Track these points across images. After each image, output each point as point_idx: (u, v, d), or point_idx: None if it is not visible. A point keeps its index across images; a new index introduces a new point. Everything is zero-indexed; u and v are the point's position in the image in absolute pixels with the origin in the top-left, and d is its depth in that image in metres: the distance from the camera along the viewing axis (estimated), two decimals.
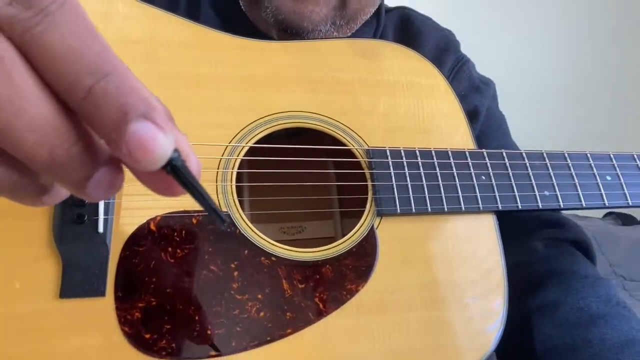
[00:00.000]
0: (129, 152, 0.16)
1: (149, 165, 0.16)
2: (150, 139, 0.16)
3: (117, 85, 0.16)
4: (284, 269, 0.44)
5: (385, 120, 0.53)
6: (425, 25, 0.67)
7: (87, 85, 0.16)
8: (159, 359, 0.39)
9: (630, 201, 0.54)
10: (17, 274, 0.39)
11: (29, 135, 0.16)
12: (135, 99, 0.16)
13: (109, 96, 0.16)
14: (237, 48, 0.52)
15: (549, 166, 0.54)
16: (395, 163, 0.50)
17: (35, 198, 0.18)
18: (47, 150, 0.16)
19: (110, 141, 0.16)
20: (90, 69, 0.16)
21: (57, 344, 0.38)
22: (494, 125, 0.65)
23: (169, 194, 0.18)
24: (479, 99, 0.64)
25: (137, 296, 0.41)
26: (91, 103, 0.16)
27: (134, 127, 0.16)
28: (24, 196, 0.18)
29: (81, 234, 0.41)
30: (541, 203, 0.52)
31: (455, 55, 0.66)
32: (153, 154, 0.16)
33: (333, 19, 0.55)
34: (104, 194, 0.18)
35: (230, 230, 0.44)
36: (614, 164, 0.56)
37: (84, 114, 0.16)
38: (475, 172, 0.51)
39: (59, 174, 0.17)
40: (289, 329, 0.42)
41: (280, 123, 0.50)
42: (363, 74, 0.55)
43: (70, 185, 0.18)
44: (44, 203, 0.19)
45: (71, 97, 0.16)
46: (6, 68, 0.15)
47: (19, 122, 0.15)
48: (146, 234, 0.43)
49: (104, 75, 0.16)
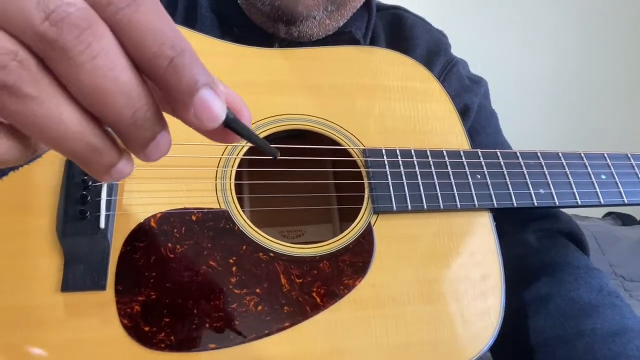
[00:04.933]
0: (196, 114, 0.20)
1: (210, 123, 0.20)
2: (212, 104, 0.20)
3: (190, 59, 0.19)
4: (281, 265, 0.45)
5: (381, 122, 0.54)
6: (417, 27, 0.68)
7: (169, 57, 0.19)
8: (158, 351, 0.40)
9: (625, 199, 0.55)
10: (19, 267, 0.40)
11: (120, 98, 0.19)
12: (202, 71, 0.20)
13: (185, 67, 0.19)
14: (236, 55, 0.54)
15: (544, 165, 0.54)
16: (391, 162, 0.51)
17: (105, 167, 0.21)
18: (132, 111, 0.19)
19: (179, 104, 0.20)
20: (171, 44, 0.19)
21: (57, 336, 0.39)
22: (485, 121, 0.66)
23: (227, 141, 0.23)
24: (469, 97, 0.65)
25: (137, 290, 0.41)
26: (171, 72, 0.19)
27: (201, 93, 0.20)
28: (97, 163, 0.20)
29: (83, 230, 0.42)
30: (536, 201, 0.52)
31: (445, 57, 0.67)
32: (214, 115, 0.20)
33: (325, 4, 0.56)
34: (159, 155, 0.22)
35: (228, 227, 0.45)
36: (608, 162, 0.56)
37: (163, 81, 0.20)
38: (471, 171, 0.52)
39: (134, 133, 0.20)
40: (287, 322, 0.43)
41: (279, 125, 0.52)
42: (359, 78, 0.56)
43: (138, 145, 0.21)
44: (111, 175, 0.21)
45: (154, 67, 0.19)
46: (107, 44, 0.18)
47: (114, 87, 0.18)
48: (147, 230, 0.44)
49: (182, 50, 0.19)
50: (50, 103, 0.18)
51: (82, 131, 0.19)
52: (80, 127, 0.19)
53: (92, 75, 0.18)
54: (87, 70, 0.18)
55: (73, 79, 0.18)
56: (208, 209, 0.46)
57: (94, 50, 0.18)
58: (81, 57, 0.18)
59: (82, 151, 0.20)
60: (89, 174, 0.22)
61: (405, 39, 0.66)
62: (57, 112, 0.19)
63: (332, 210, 0.63)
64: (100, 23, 0.18)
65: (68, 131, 0.19)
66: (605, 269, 1.20)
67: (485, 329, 0.46)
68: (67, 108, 0.19)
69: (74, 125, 0.19)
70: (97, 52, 0.18)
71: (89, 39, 0.18)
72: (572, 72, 1.86)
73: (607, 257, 1.21)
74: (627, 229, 1.41)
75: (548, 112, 1.87)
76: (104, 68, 0.18)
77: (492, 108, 0.69)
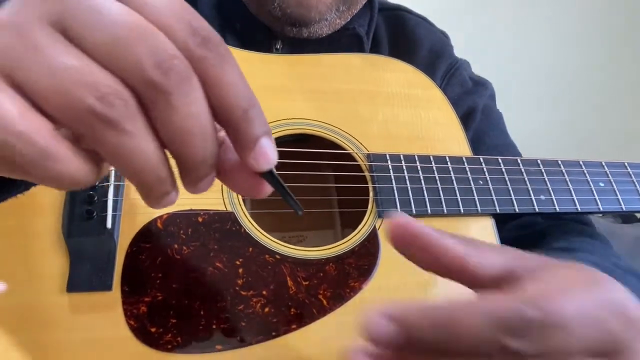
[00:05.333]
0: (255, 156, 0.23)
1: (265, 166, 0.23)
2: (269, 151, 0.23)
3: (258, 110, 0.23)
4: (288, 267, 0.45)
5: (385, 128, 0.55)
6: (419, 28, 0.68)
7: (243, 108, 0.22)
8: (164, 352, 0.39)
9: (624, 206, 0.56)
10: (26, 267, 0.40)
11: (199, 140, 0.22)
12: (264, 121, 0.23)
13: (254, 118, 0.23)
14: (240, 59, 0.54)
15: (544, 172, 0.55)
16: (395, 167, 0.51)
17: (162, 196, 0.23)
18: (203, 151, 0.22)
19: (244, 147, 0.23)
20: (246, 98, 0.22)
21: (63, 337, 0.38)
22: (493, 123, 0.66)
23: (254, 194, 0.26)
24: (472, 99, 0.65)
25: (143, 291, 0.41)
26: (243, 121, 0.22)
27: (263, 140, 0.23)
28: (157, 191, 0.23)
29: (89, 230, 0.42)
30: (537, 207, 0.53)
31: (448, 60, 0.68)
32: (269, 159, 0.23)
33: (337, 5, 0.57)
34: (205, 189, 0.24)
35: (235, 229, 0.45)
36: (606, 171, 0.57)
37: (235, 127, 0.23)
38: (473, 177, 0.53)
39: (197, 170, 0.23)
40: (294, 324, 0.42)
41: (284, 129, 0.52)
42: (362, 85, 0.57)
43: (195, 180, 0.23)
44: (163, 203, 0.24)
45: (230, 115, 0.22)
46: (199, 93, 0.21)
47: (197, 130, 0.21)
48: (153, 231, 0.44)
49: (253, 103, 0.23)
50: (140, 138, 0.21)
51: (157, 164, 0.22)
52: (156, 160, 0.22)
53: (183, 118, 0.21)
54: (180, 114, 0.21)
55: (166, 120, 0.21)
56: (214, 211, 0.46)
57: (189, 97, 0.21)
58: (177, 102, 0.20)
59: (151, 181, 0.22)
60: (143, 199, 0.24)
61: (408, 41, 0.67)
62: (144, 146, 0.21)
63: (334, 217, 0.63)
64: (194, 74, 0.21)
65: (147, 164, 0.21)
66: None
67: None
68: (151, 143, 0.21)
69: (153, 158, 0.21)
70: (192, 99, 0.21)
71: (187, 87, 0.21)
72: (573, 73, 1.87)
73: None
74: (627, 227, 1.42)
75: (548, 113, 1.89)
76: (194, 113, 0.21)
77: (498, 109, 0.70)
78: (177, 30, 0.21)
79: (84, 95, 0.19)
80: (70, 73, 0.19)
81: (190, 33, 0.21)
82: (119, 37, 0.20)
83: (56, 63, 0.19)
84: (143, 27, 0.20)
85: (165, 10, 0.21)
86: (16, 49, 0.20)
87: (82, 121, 0.20)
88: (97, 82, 0.20)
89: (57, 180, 0.21)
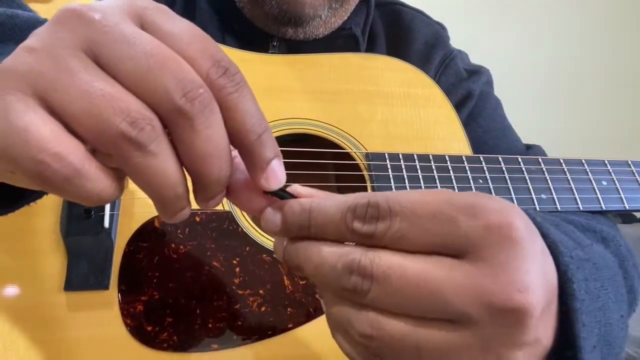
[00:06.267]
0: (267, 177, 0.25)
1: (275, 186, 0.25)
2: (279, 172, 0.25)
3: (270, 134, 0.25)
4: (285, 266, 0.45)
5: (384, 128, 0.55)
6: (415, 21, 0.68)
7: (257, 133, 0.24)
8: (160, 351, 0.40)
9: (627, 205, 0.55)
10: (24, 266, 0.40)
11: (216, 161, 0.23)
12: (275, 144, 0.25)
13: (267, 142, 0.24)
14: (240, 60, 0.55)
15: (545, 171, 0.55)
16: (394, 166, 0.51)
17: (178, 211, 0.25)
18: (219, 172, 0.24)
19: (256, 168, 0.25)
20: (260, 123, 0.24)
21: (60, 335, 0.39)
22: (489, 107, 0.65)
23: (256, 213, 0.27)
24: (467, 85, 0.64)
25: (140, 290, 0.41)
26: (257, 144, 0.24)
27: (274, 162, 0.25)
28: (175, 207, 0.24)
29: (87, 229, 0.42)
30: (538, 205, 0.52)
31: (443, 50, 0.67)
32: (279, 179, 0.25)
33: (330, 2, 0.57)
34: (215, 206, 0.26)
35: (232, 228, 0.45)
36: (609, 169, 0.57)
37: (249, 150, 0.24)
38: (473, 176, 0.52)
39: (211, 188, 0.24)
40: (290, 323, 0.42)
41: (283, 129, 0.52)
42: (361, 85, 0.57)
43: (208, 197, 0.25)
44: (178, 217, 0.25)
45: (245, 139, 0.24)
46: (218, 118, 0.23)
47: (216, 152, 0.23)
48: (150, 230, 0.44)
49: (266, 128, 0.24)
50: (163, 159, 0.22)
51: (176, 182, 0.23)
52: (176, 178, 0.23)
53: (204, 141, 0.22)
54: (201, 137, 0.22)
55: (188, 142, 0.22)
56: (212, 210, 0.46)
57: (210, 122, 0.22)
58: (200, 127, 0.22)
59: (169, 197, 0.23)
60: (159, 213, 0.25)
61: (404, 33, 0.67)
62: (166, 166, 0.22)
63: None
64: (215, 102, 0.23)
65: (168, 182, 0.23)
66: None
67: None
68: (173, 164, 0.23)
69: (173, 177, 0.23)
70: (212, 123, 0.22)
71: (209, 113, 0.22)
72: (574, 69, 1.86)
73: None
74: (626, 227, 1.41)
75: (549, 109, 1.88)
76: (213, 137, 0.23)
77: (496, 96, 0.69)
78: (200, 60, 0.23)
79: (116, 120, 0.21)
80: (104, 98, 0.21)
81: (212, 64, 0.23)
82: (149, 67, 0.21)
83: (90, 88, 0.21)
84: (171, 58, 0.22)
85: (190, 41, 0.23)
86: (51, 72, 0.21)
87: (113, 143, 0.21)
88: (129, 108, 0.21)
89: (87, 197, 0.23)
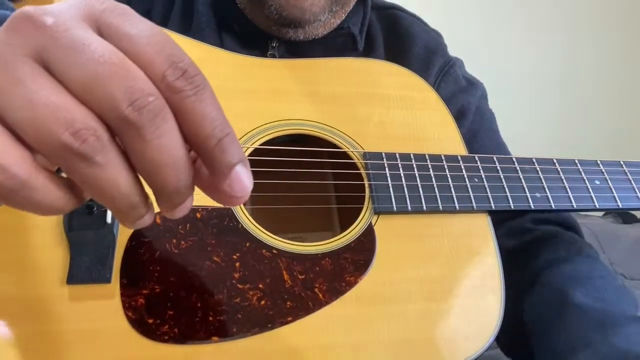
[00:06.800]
0: (230, 184, 0.24)
1: (240, 193, 0.24)
2: (243, 178, 0.24)
3: (232, 139, 0.24)
4: (284, 261, 0.45)
5: (381, 129, 0.56)
6: (414, 27, 0.70)
7: (218, 138, 0.23)
8: (161, 343, 0.40)
9: (620, 204, 0.56)
10: (27, 260, 0.41)
11: (172, 171, 0.23)
12: (238, 149, 0.24)
13: (228, 147, 0.23)
14: (238, 65, 0.56)
15: (539, 170, 0.56)
16: (391, 165, 0.52)
17: (135, 219, 0.24)
18: (177, 181, 0.23)
19: (219, 175, 0.24)
20: (220, 128, 0.23)
21: (63, 327, 0.39)
22: (485, 124, 0.67)
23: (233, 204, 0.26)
24: (465, 98, 0.66)
25: (141, 283, 0.42)
26: (217, 150, 0.23)
27: (237, 168, 0.24)
28: (130, 216, 0.24)
29: (90, 224, 0.43)
30: (533, 204, 0.53)
31: (443, 58, 0.69)
32: (245, 186, 0.24)
33: (330, 6, 0.59)
34: (182, 214, 0.26)
35: (232, 225, 0.46)
36: (601, 169, 0.58)
37: (209, 156, 0.23)
38: (468, 175, 0.53)
39: (172, 198, 0.24)
40: (290, 317, 0.43)
41: (282, 129, 0.53)
42: (358, 88, 0.58)
43: (170, 206, 0.25)
44: (137, 225, 0.25)
45: (204, 145, 0.23)
46: (171, 126, 0.22)
47: (169, 161, 0.22)
48: (152, 226, 0.44)
49: (227, 133, 0.23)
50: (112, 169, 0.22)
51: (129, 193, 0.23)
52: (128, 189, 0.23)
53: (155, 151, 0.22)
54: (152, 147, 0.22)
55: (139, 152, 0.22)
56: (212, 207, 0.47)
57: (161, 131, 0.22)
58: (151, 136, 0.21)
59: (123, 207, 0.23)
60: (117, 219, 0.25)
61: (403, 38, 0.68)
62: (115, 177, 0.22)
63: (332, 218, 0.64)
64: (168, 108, 0.22)
65: (119, 193, 0.22)
66: None
67: (486, 326, 0.46)
68: (124, 174, 0.22)
69: (124, 187, 0.23)
70: (163, 132, 0.22)
71: (160, 122, 0.22)
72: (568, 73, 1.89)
73: (607, 255, 1.22)
74: (627, 227, 1.41)
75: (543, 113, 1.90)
76: (166, 146, 0.22)
77: (490, 109, 0.71)
78: (157, 63, 0.22)
79: (58, 131, 0.20)
80: (48, 108, 0.20)
81: (168, 66, 0.22)
82: (97, 75, 0.21)
83: (35, 97, 0.20)
84: (120, 65, 0.21)
85: (147, 43, 0.22)
86: None
87: (57, 154, 0.21)
88: (73, 118, 0.21)
89: (38, 209, 0.23)
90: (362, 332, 0.44)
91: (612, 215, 1.49)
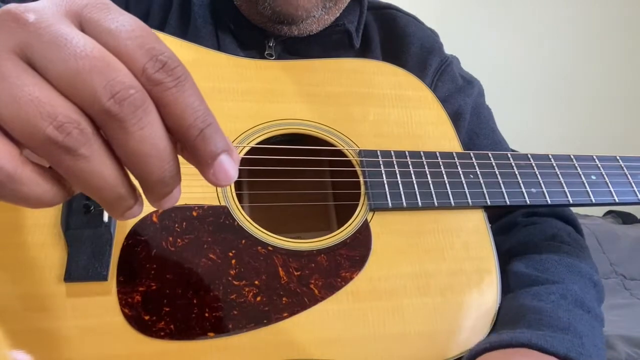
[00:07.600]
0: (215, 173, 0.25)
1: (225, 182, 0.25)
2: (228, 167, 0.25)
3: (215, 129, 0.24)
4: (280, 258, 0.46)
5: (376, 127, 0.56)
6: (410, 26, 0.70)
7: (200, 128, 0.24)
8: (157, 339, 0.40)
9: (616, 198, 0.56)
10: (25, 258, 0.41)
11: (156, 161, 0.23)
12: (222, 139, 0.25)
13: (211, 137, 0.24)
14: (233, 66, 0.57)
15: (534, 166, 0.56)
16: (386, 162, 0.53)
17: (124, 210, 0.25)
18: (161, 172, 0.24)
19: (203, 165, 0.25)
20: (202, 118, 0.24)
21: (60, 324, 0.40)
22: (483, 122, 0.67)
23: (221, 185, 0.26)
24: (462, 98, 0.66)
25: (138, 281, 0.42)
26: (200, 140, 0.24)
27: (221, 158, 0.24)
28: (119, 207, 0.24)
29: (87, 223, 0.43)
30: (528, 199, 0.54)
31: (440, 57, 0.69)
32: (229, 175, 0.25)
33: (323, 2, 0.59)
34: (170, 205, 0.26)
35: (228, 222, 0.47)
36: (597, 164, 0.58)
37: (192, 146, 0.24)
38: (463, 171, 0.54)
39: (157, 188, 0.24)
40: (285, 312, 0.43)
41: (277, 129, 0.54)
42: (354, 87, 0.59)
43: (157, 197, 0.25)
44: (127, 216, 0.25)
45: (186, 135, 0.24)
46: (153, 118, 0.23)
47: (153, 151, 0.23)
48: (148, 224, 0.45)
49: (209, 123, 0.24)
50: (96, 161, 0.22)
51: (115, 184, 0.23)
52: (114, 180, 0.23)
53: (138, 142, 0.22)
54: (135, 138, 0.22)
55: (122, 144, 0.22)
56: (208, 205, 0.47)
57: (143, 122, 0.22)
58: (133, 128, 0.22)
59: (110, 198, 0.24)
60: (106, 211, 0.25)
61: (400, 38, 0.69)
62: (101, 168, 0.23)
63: (330, 218, 0.64)
64: (149, 100, 0.22)
65: (105, 184, 0.23)
66: (606, 268, 1.21)
67: (482, 320, 0.47)
68: (109, 165, 0.23)
69: (110, 178, 0.23)
70: (145, 124, 0.22)
71: (141, 114, 0.22)
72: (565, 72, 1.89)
73: (608, 256, 1.21)
74: (627, 228, 1.41)
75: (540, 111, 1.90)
76: (149, 136, 0.23)
77: (487, 105, 0.71)
78: (137, 56, 0.22)
79: (42, 125, 0.21)
80: (32, 102, 0.21)
81: (148, 59, 0.22)
82: (78, 69, 0.21)
83: (20, 92, 0.21)
84: (101, 58, 0.21)
85: (128, 37, 0.22)
86: None
87: (43, 147, 0.21)
88: (56, 112, 0.21)
89: (26, 201, 0.23)
90: (357, 327, 0.44)
91: (612, 216, 1.49)
